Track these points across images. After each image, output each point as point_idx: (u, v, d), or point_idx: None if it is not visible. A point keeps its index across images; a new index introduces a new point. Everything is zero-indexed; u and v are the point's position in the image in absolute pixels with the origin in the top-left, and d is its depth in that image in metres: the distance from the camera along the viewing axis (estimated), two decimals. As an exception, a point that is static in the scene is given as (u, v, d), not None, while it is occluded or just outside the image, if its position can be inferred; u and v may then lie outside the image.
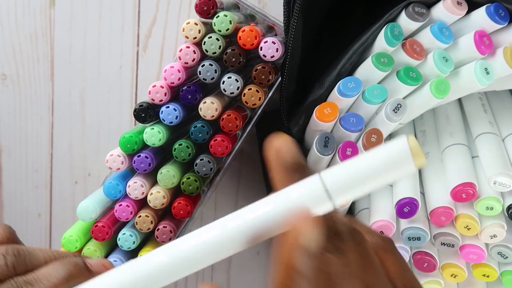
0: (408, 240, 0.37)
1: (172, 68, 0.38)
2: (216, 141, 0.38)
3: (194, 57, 0.38)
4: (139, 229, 0.39)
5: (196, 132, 0.38)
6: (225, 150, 0.38)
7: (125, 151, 0.39)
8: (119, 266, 0.24)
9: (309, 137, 0.39)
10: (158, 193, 0.38)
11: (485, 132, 0.39)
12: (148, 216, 0.39)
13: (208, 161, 0.38)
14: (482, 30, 0.36)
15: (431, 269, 0.38)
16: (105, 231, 0.39)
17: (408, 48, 0.36)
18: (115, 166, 0.39)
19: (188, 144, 0.38)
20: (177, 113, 0.38)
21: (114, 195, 0.39)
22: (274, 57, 0.37)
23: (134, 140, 0.38)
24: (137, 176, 0.39)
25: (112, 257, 0.39)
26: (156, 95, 0.38)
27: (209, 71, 0.37)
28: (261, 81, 0.38)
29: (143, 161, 0.38)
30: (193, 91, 0.38)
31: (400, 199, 0.37)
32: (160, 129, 0.38)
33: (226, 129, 0.38)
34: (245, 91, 0.38)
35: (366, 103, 0.37)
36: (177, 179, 0.39)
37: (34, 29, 0.53)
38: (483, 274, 0.39)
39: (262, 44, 0.37)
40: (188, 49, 0.37)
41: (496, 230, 0.37)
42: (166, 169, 0.38)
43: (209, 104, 0.38)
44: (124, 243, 0.39)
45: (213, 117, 0.38)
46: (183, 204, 0.39)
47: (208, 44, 0.37)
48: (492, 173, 0.36)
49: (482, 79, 0.35)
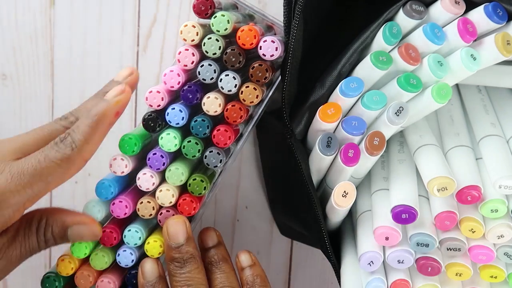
0: (417, 246, 0.37)
1: (171, 72, 0.38)
2: (219, 131, 0.38)
3: (193, 59, 0.37)
4: (141, 215, 0.39)
5: (196, 126, 0.38)
6: (228, 140, 0.38)
7: (124, 152, 0.38)
8: None
9: (312, 137, 0.39)
10: (167, 191, 0.38)
11: (488, 135, 0.39)
12: (150, 202, 0.39)
13: (217, 152, 0.38)
14: (465, 18, 0.36)
15: (436, 272, 0.38)
16: (113, 237, 0.39)
17: (404, 53, 0.36)
18: (119, 170, 0.38)
19: (198, 141, 0.38)
20: (183, 114, 0.38)
21: (105, 196, 0.39)
22: (273, 56, 0.37)
23: (134, 142, 0.38)
24: (146, 168, 0.39)
25: (122, 248, 0.40)
26: (153, 100, 0.38)
27: (208, 71, 0.37)
28: (258, 79, 0.37)
29: (157, 160, 0.38)
30: (194, 90, 0.38)
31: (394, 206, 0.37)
32: (176, 134, 0.38)
33: (230, 120, 0.38)
34: (242, 89, 0.37)
35: (365, 109, 0.37)
36: (185, 177, 0.38)
37: (34, 29, 0.52)
38: (491, 276, 0.38)
39: (261, 43, 0.37)
40: (187, 51, 0.37)
41: (503, 231, 0.37)
42: (175, 167, 0.38)
43: (212, 99, 0.37)
44: (130, 239, 0.39)
45: (216, 112, 0.38)
46: (188, 201, 0.39)
47: (208, 45, 0.37)
48: (497, 177, 0.36)
49: (469, 65, 0.35)
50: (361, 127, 0.37)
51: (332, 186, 0.40)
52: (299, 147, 0.39)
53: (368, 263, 0.38)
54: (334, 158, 0.38)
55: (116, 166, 0.39)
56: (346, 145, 0.37)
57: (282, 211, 0.53)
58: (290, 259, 0.55)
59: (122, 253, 0.39)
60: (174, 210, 0.39)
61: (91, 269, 0.39)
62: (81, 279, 0.39)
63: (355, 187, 0.38)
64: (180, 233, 0.38)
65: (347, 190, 0.38)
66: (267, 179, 0.54)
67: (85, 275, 0.39)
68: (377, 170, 0.42)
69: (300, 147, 0.39)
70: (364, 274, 0.39)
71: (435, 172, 0.37)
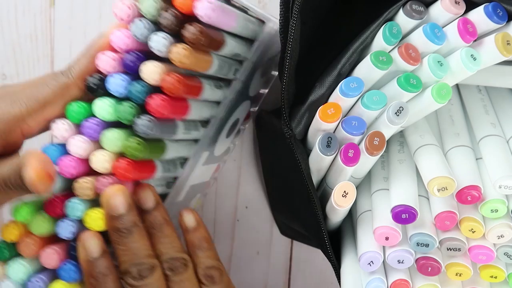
0: (417, 246, 0.37)
1: (120, 31, 0.37)
2: (152, 98, 0.36)
3: (129, 13, 0.36)
4: (78, 195, 0.38)
5: (133, 90, 0.37)
6: (163, 110, 0.36)
7: (72, 120, 0.38)
8: None
9: (312, 137, 0.39)
10: (102, 156, 0.37)
11: (488, 135, 0.39)
12: (87, 183, 0.38)
13: (148, 120, 0.37)
14: (465, 18, 0.36)
15: (436, 272, 0.38)
16: (57, 206, 0.38)
17: (404, 53, 0.36)
18: (59, 134, 0.38)
19: (132, 105, 0.37)
20: (124, 83, 0.37)
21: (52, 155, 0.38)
22: (210, 18, 0.36)
23: (82, 110, 0.37)
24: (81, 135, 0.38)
25: (63, 220, 0.38)
26: (104, 64, 0.37)
27: (140, 28, 0.36)
28: (190, 40, 0.36)
29: (91, 127, 0.37)
30: (135, 57, 0.37)
31: (394, 206, 0.37)
32: (112, 102, 0.37)
33: (166, 89, 0.37)
34: (171, 48, 0.36)
35: (365, 109, 0.37)
36: (121, 143, 0.37)
37: (34, 29, 0.52)
38: (491, 276, 0.38)
39: (196, 3, 0.36)
40: (123, 5, 0.36)
41: (503, 230, 0.37)
42: (110, 132, 0.37)
43: (150, 66, 0.36)
44: (71, 211, 0.38)
45: (155, 80, 0.36)
46: (124, 164, 0.37)
47: (145, 4, 0.36)
48: (497, 177, 0.36)
49: (469, 65, 0.35)
50: (361, 127, 0.37)
51: (332, 186, 0.40)
52: (299, 147, 0.39)
53: (368, 263, 0.38)
54: (334, 158, 0.38)
55: (56, 130, 0.38)
56: (346, 145, 0.37)
57: (282, 211, 0.53)
58: (290, 259, 0.55)
59: (61, 224, 0.38)
60: (112, 178, 0.38)
61: (35, 238, 0.38)
62: (24, 246, 0.38)
63: (355, 187, 0.38)
64: (119, 203, 0.37)
65: (347, 190, 0.38)
66: (267, 179, 0.54)
67: (27, 242, 0.38)
68: (377, 170, 0.42)
69: (300, 147, 0.39)
70: (364, 274, 0.39)
71: (435, 172, 0.37)
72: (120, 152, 0.38)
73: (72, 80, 0.37)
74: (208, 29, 0.37)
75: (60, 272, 0.38)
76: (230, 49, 0.40)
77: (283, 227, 0.54)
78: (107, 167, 0.37)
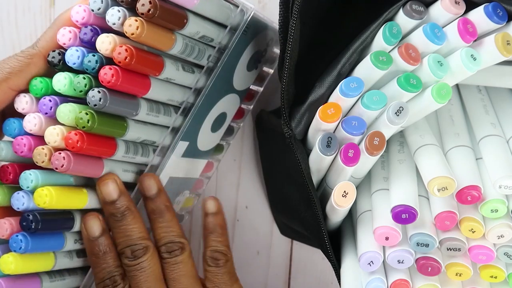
0: (417, 246, 0.37)
1: (80, 6, 0.38)
2: (104, 68, 0.37)
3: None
4: (35, 161, 0.38)
5: (86, 61, 0.37)
6: (111, 79, 0.37)
7: (34, 94, 0.39)
8: None
9: (312, 137, 0.39)
10: (53, 130, 0.38)
11: (488, 135, 0.39)
12: (43, 149, 0.38)
13: (98, 91, 0.37)
14: (465, 18, 0.36)
15: (436, 273, 0.38)
16: (8, 172, 0.39)
17: (404, 53, 0.36)
18: (20, 106, 0.39)
19: (85, 76, 0.37)
20: (79, 54, 0.37)
21: (9, 133, 0.39)
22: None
23: (43, 85, 0.38)
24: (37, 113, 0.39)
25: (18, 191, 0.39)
26: (62, 38, 0.38)
27: (97, 3, 0.37)
28: (142, 11, 0.36)
29: (45, 103, 0.38)
30: (90, 30, 0.38)
31: (394, 206, 0.37)
32: (69, 75, 0.38)
33: (116, 59, 0.37)
34: (126, 22, 0.37)
35: (365, 109, 0.37)
36: (75, 115, 0.38)
37: (34, 29, 0.52)
38: (491, 276, 0.38)
39: None
40: None
41: (503, 230, 0.37)
42: (65, 105, 0.38)
43: (103, 37, 0.37)
44: (23, 181, 0.38)
45: (107, 51, 0.37)
46: (73, 135, 0.37)
47: None
48: (497, 177, 0.36)
49: (469, 65, 0.35)
50: (361, 127, 0.37)
51: (332, 186, 0.40)
52: (299, 147, 0.39)
53: (368, 263, 0.38)
54: (334, 158, 0.38)
55: (18, 102, 0.39)
56: (346, 145, 0.37)
57: (282, 211, 0.53)
58: (290, 259, 0.55)
59: (15, 194, 0.38)
60: (65, 153, 0.38)
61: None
62: None
63: (355, 187, 0.38)
64: (112, 190, 0.40)
65: (347, 190, 0.38)
66: (267, 179, 0.54)
67: None
68: (377, 170, 0.42)
69: (300, 147, 0.39)
70: (364, 274, 0.39)
71: (436, 172, 0.37)
72: (74, 126, 0.38)
73: (37, 50, 0.39)
74: (166, 4, 0.37)
75: (11, 243, 0.38)
76: (196, 29, 0.40)
77: (283, 227, 0.54)
78: (58, 141, 0.38)
